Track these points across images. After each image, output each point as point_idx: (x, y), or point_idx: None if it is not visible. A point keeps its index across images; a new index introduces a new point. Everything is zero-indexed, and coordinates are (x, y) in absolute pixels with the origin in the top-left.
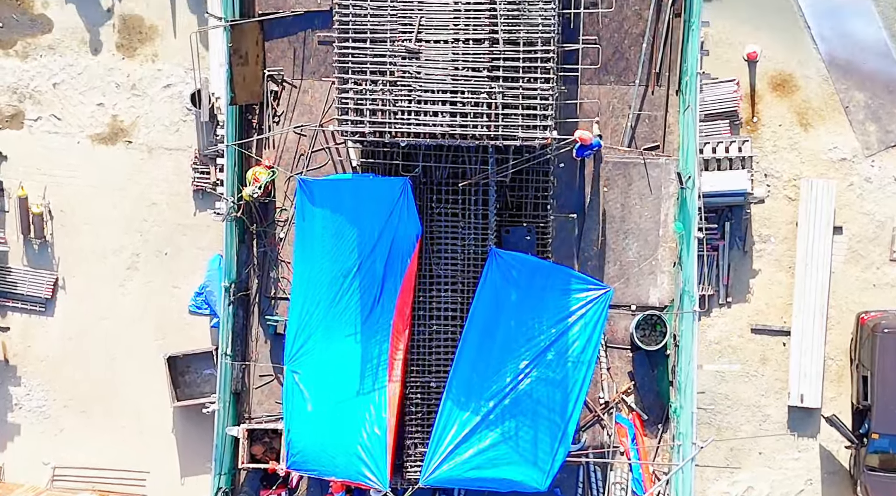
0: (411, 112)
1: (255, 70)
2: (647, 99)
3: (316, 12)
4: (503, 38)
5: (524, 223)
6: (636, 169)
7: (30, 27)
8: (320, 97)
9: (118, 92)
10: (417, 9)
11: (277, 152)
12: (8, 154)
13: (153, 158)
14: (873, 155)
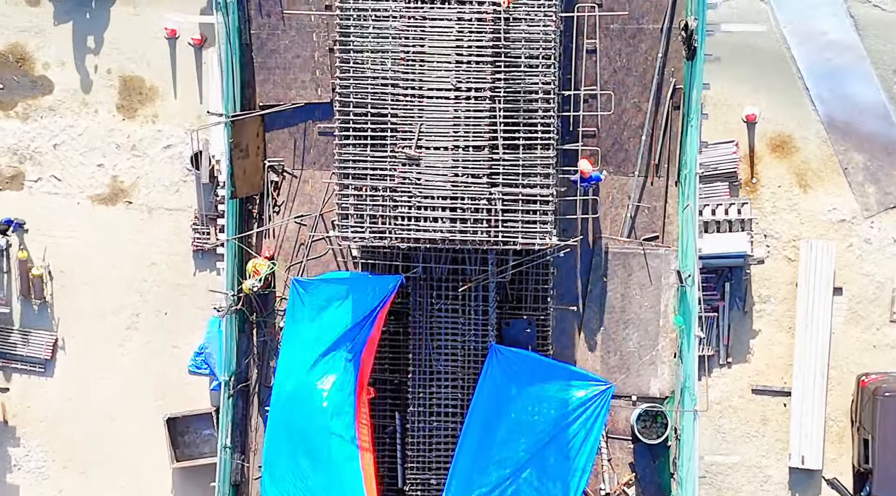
0: (411, 218)
1: (255, 161)
2: (647, 189)
3: (316, 104)
4: (502, 143)
5: (524, 316)
6: (636, 259)
7: (30, 89)
8: (321, 187)
9: (118, 152)
10: (418, 116)
11: (278, 242)
12: (7, 215)
13: (153, 219)
14: (872, 216)
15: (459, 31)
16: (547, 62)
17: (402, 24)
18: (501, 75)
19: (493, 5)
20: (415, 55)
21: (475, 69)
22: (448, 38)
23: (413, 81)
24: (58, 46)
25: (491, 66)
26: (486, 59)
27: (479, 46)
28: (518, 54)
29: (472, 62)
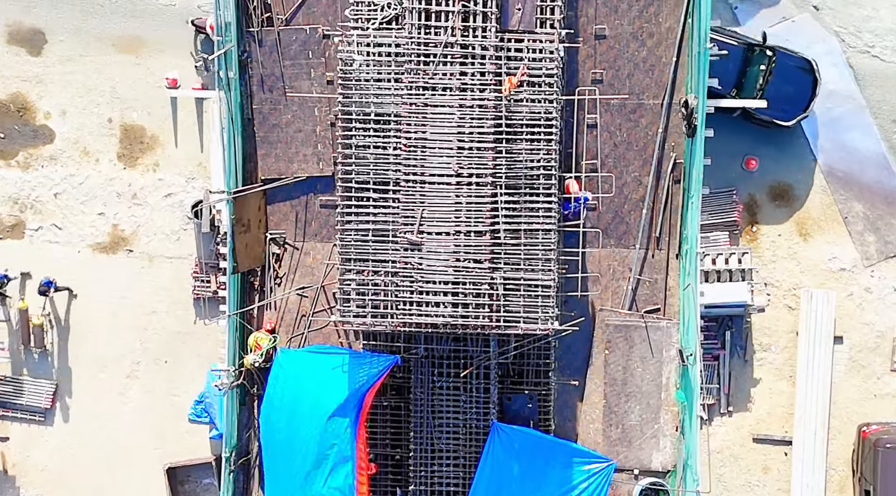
0: (413, 302)
1: (257, 235)
2: (648, 262)
3: (318, 177)
4: (504, 228)
5: (526, 391)
6: (637, 332)
7: (32, 138)
8: (322, 259)
9: (119, 201)
10: (420, 202)
11: (279, 314)
12: (8, 264)
13: (154, 267)
14: (873, 265)
15: (461, 118)
16: (549, 147)
17: (404, 112)
18: (503, 161)
19: (494, 92)
20: (416, 141)
21: (477, 155)
22: (450, 125)
23: (415, 167)
24: (59, 96)
25: (492, 151)
26: (487, 145)
27: (481, 133)
28: (520, 139)
29: (473, 148)
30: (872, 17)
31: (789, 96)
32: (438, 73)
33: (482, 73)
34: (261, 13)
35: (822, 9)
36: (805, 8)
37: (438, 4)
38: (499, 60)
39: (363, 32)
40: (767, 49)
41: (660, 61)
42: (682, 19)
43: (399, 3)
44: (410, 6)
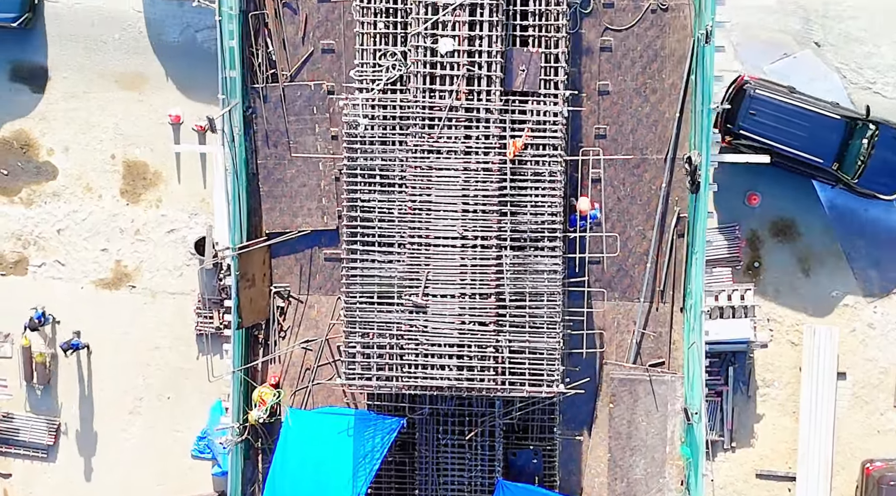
0: (418, 365)
1: (261, 288)
2: (652, 315)
3: (322, 231)
4: (509, 291)
5: (531, 446)
6: (642, 385)
7: (35, 174)
8: (326, 312)
9: (122, 237)
10: (424, 264)
11: (283, 367)
12: (11, 300)
13: (156, 303)
14: (875, 301)
15: (466, 181)
16: (553, 209)
17: (409, 175)
18: (507, 223)
19: (498, 155)
20: (421, 204)
21: (482, 218)
22: (455, 188)
23: (420, 230)
24: (62, 132)
25: (497, 214)
26: (492, 207)
27: (486, 195)
28: (524, 202)
29: (478, 211)
30: (874, 54)
31: (892, 169)
32: (443, 137)
33: (486, 136)
34: (265, 69)
35: (824, 45)
36: (806, 44)
37: (443, 68)
38: (503, 124)
39: (368, 95)
40: (870, 122)
41: (663, 117)
42: (685, 76)
43: (403, 65)
44: (415, 70)
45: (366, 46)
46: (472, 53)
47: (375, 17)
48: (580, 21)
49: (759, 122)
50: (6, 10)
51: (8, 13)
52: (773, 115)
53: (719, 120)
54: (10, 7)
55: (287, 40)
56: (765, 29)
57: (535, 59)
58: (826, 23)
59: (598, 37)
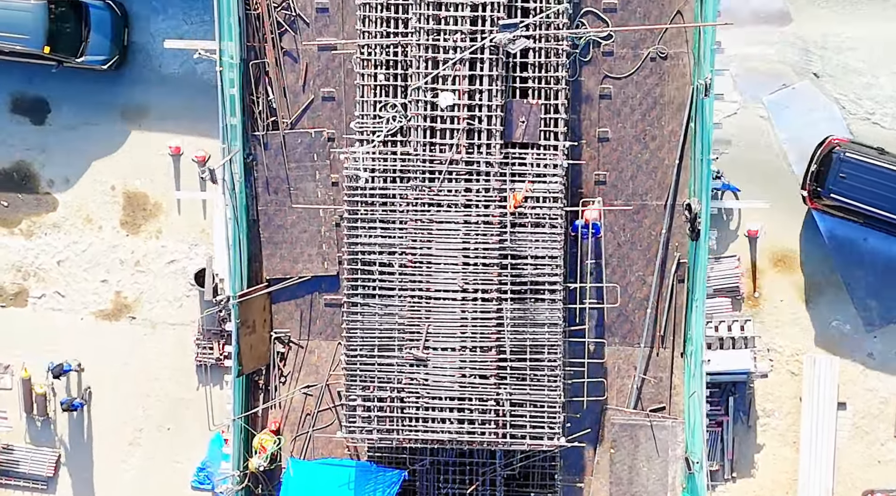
0: (419, 418)
1: (262, 334)
2: (653, 360)
3: (323, 276)
4: (510, 344)
5: (532, 494)
6: (643, 431)
7: (35, 206)
8: (326, 357)
9: (122, 268)
10: (425, 317)
11: (284, 412)
12: (11, 332)
13: (156, 333)
14: (875, 331)
15: (466, 234)
16: (554, 261)
17: (410, 228)
18: (508, 275)
19: (499, 208)
20: (422, 257)
21: (482, 271)
22: (455, 241)
23: (420, 283)
24: (62, 164)
25: (498, 267)
26: (492, 260)
27: (486, 248)
28: (524, 253)
29: (479, 264)
30: (872, 85)
31: None
32: (444, 190)
33: (487, 189)
34: (266, 117)
35: (823, 76)
36: (805, 75)
37: (443, 122)
38: (503, 176)
39: (368, 147)
40: None
41: (662, 163)
42: (685, 123)
43: (404, 116)
44: (416, 123)
45: (366, 98)
46: (473, 107)
47: (376, 69)
48: (580, 69)
49: (849, 185)
50: (97, 52)
51: (98, 55)
52: (863, 177)
53: (807, 183)
54: (101, 50)
55: (288, 88)
56: (764, 60)
57: (535, 111)
58: (825, 54)
59: (597, 84)
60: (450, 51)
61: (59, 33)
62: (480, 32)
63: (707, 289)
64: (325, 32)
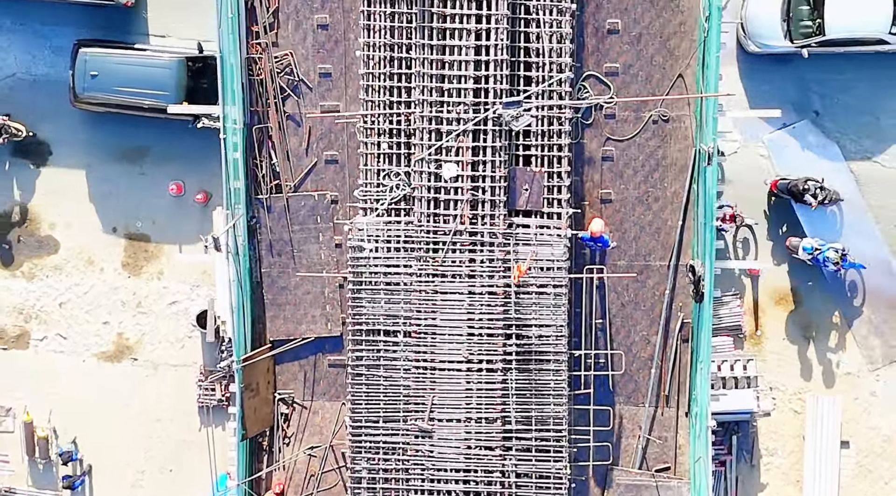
0: (424, 491)
1: (265, 396)
2: (657, 420)
3: (326, 337)
4: (515, 415)
5: None
6: (648, 491)
7: (36, 248)
8: (331, 418)
9: (124, 310)
10: (430, 388)
11: (288, 474)
12: (13, 375)
13: (158, 375)
14: (878, 369)
15: (471, 305)
16: (558, 331)
17: (414, 299)
18: (513, 345)
19: (503, 278)
20: (426, 328)
21: (487, 341)
22: (460, 311)
23: (425, 354)
24: (64, 206)
25: (502, 337)
26: (497, 331)
27: (491, 319)
28: (528, 323)
29: (483, 334)
30: (873, 124)
31: None
32: (448, 261)
33: (491, 259)
34: (269, 180)
35: (823, 115)
36: (805, 114)
37: (447, 193)
38: (507, 247)
39: (372, 219)
40: None
41: (665, 224)
42: (688, 184)
43: (407, 184)
44: (419, 194)
45: (369, 166)
46: (476, 178)
47: (379, 138)
48: (582, 131)
49: None
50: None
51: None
52: None
53: None
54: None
55: (291, 152)
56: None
57: (539, 179)
58: (825, 93)
59: (599, 147)
60: (453, 122)
61: (195, 89)
62: (483, 103)
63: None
64: (328, 97)
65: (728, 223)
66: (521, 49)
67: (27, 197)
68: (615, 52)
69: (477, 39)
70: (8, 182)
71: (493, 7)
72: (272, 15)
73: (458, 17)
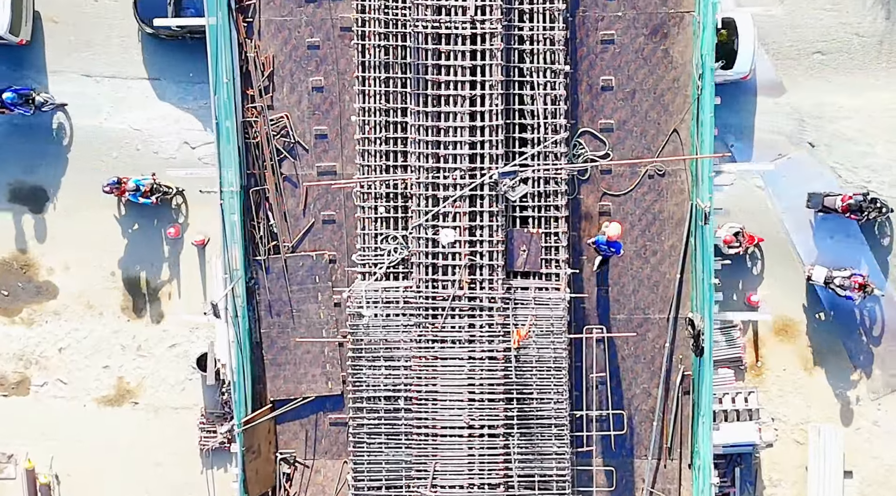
0: None
1: (267, 456)
2: (660, 472)
3: (327, 396)
4: (518, 480)
5: None
6: None
7: (35, 294)
8: (333, 476)
9: (124, 353)
10: (432, 455)
11: None
12: (14, 421)
13: (159, 418)
14: (879, 399)
15: (471, 370)
16: (559, 396)
17: (414, 365)
18: (514, 410)
19: (503, 342)
20: (427, 394)
21: (488, 407)
22: (460, 377)
23: (426, 420)
24: (62, 252)
25: (504, 402)
26: (498, 396)
27: (491, 384)
28: (529, 388)
29: (484, 400)
30: (868, 154)
31: None
32: (447, 326)
33: (490, 324)
34: (267, 241)
35: (818, 145)
36: (801, 145)
37: (445, 258)
38: (506, 311)
39: (370, 285)
40: None
41: (664, 277)
42: (685, 238)
43: (405, 247)
44: (417, 260)
45: (367, 230)
46: (474, 243)
47: (376, 202)
48: (578, 187)
49: None
50: None
51: None
52: None
53: None
54: None
55: (288, 212)
56: (759, 130)
57: (536, 240)
58: (820, 123)
59: (596, 202)
60: (449, 187)
61: None
62: (479, 169)
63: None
64: (324, 157)
65: (857, 292)
66: (516, 111)
67: (25, 243)
68: (610, 109)
69: (472, 105)
70: (6, 228)
71: (487, 74)
72: (267, 78)
73: (452, 84)
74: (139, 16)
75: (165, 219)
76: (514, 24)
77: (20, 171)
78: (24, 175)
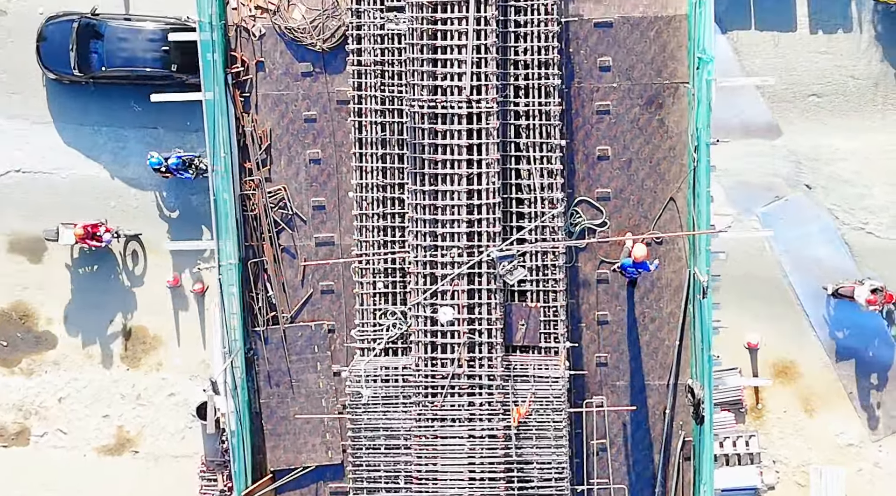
0: None
1: None
2: None
3: (327, 466)
4: None
5: None
6: None
7: (34, 344)
8: None
9: (123, 402)
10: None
11: None
12: (13, 472)
13: (159, 467)
14: (880, 440)
15: (471, 449)
16: (560, 475)
17: (414, 444)
18: (515, 488)
19: (502, 420)
20: (427, 474)
21: (489, 485)
22: (460, 455)
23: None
24: (60, 301)
25: (504, 482)
26: (499, 474)
27: (492, 462)
28: (530, 464)
29: (485, 478)
30: (865, 195)
31: None
32: (447, 405)
33: (490, 402)
34: (266, 312)
35: (815, 187)
36: (798, 187)
37: (444, 336)
38: (506, 388)
39: (369, 362)
40: None
41: (663, 344)
42: (683, 305)
43: (404, 323)
44: (416, 339)
45: (365, 306)
46: (473, 321)
47: (374, 278)
48: (576, 255)
49: None
50: None
51: None
52: None
53: None
54: None
55: (286, 283)
56: (756, 172)
57: (535, 314)
58: (816, 165)
59: (594, 269)
60: (447, 266)
61: None
62: (477, 246)
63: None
64: (322, 229)
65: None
66: (513, 186)
67: (23, 293)
68: (606, 178)
69: (468, 183)
70: (5, 279)
71: (484, 153)
72: (265, 151)
73: (449, 163)
74: (41, 63)
75: None
76: (510, 99)
77: (18, 221)
78: (23, 225)
